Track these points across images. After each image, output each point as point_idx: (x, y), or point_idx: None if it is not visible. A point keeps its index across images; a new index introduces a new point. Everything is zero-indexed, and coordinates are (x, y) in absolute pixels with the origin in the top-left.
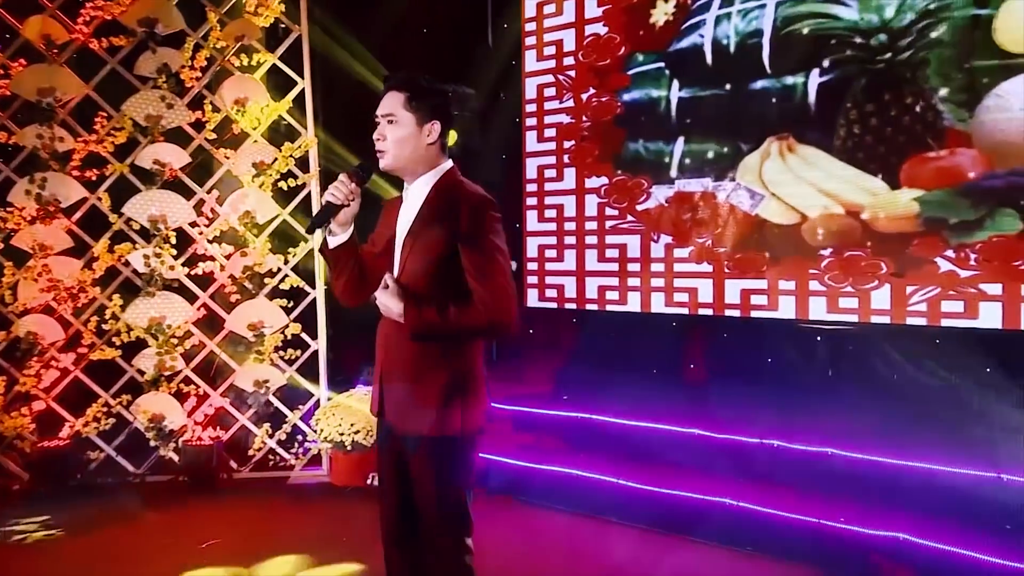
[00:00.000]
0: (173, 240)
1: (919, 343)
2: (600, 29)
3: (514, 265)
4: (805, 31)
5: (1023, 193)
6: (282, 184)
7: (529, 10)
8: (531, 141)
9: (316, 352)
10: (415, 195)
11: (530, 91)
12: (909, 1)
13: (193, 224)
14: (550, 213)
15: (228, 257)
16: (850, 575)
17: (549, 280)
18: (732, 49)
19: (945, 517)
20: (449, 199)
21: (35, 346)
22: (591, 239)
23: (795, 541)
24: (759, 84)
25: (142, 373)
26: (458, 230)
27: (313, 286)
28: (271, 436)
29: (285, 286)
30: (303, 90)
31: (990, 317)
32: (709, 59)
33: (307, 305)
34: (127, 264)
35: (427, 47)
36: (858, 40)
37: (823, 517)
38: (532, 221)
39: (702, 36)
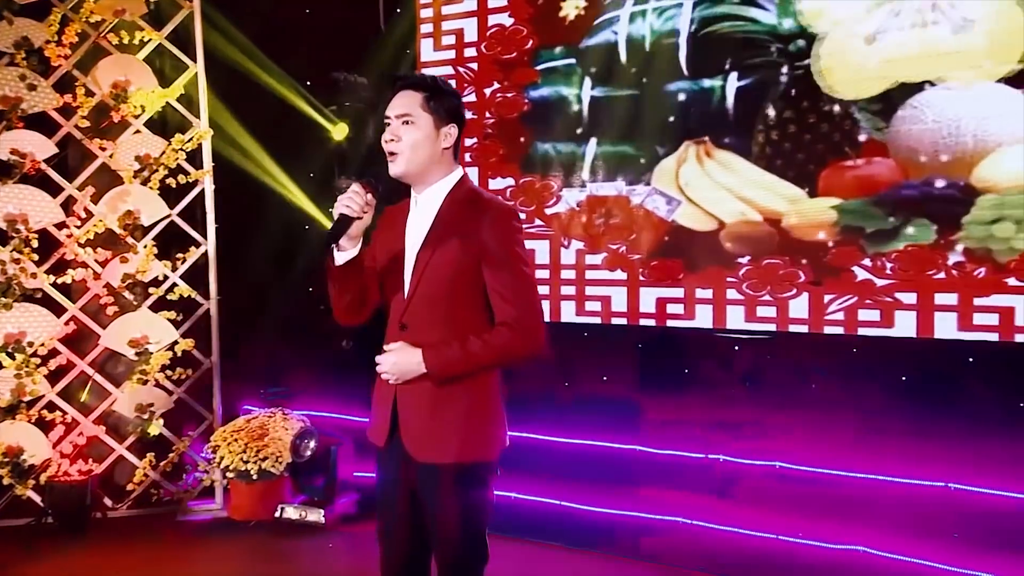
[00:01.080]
0: (35, 244)
1: (837, 351)
2: (505, 20)
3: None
4: (723, 33)
5: (937, 203)
6: (170, 181)
7: None
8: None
9: (210, 371)
10: (427, 204)
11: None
12: (823, 8)
13: (61, 225)
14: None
15: (104, 263)
16: None
17: None
18: (648, 48)
19: (896, 527)
20: (468, 209)
21: None
22: None
23: (753, 557)
24: (676, 86)
25: None
26: (482, 244)
27: (206, 296)
28: (154, 467)
29: (173, 296)
30: (195, 75)
31: (905, 326)
32: (623, 58)
33: (199, 318)
34: None
35: (314, 30)
36: (777, 45)
37: (779, 532)
38: None
39: (616, 33)
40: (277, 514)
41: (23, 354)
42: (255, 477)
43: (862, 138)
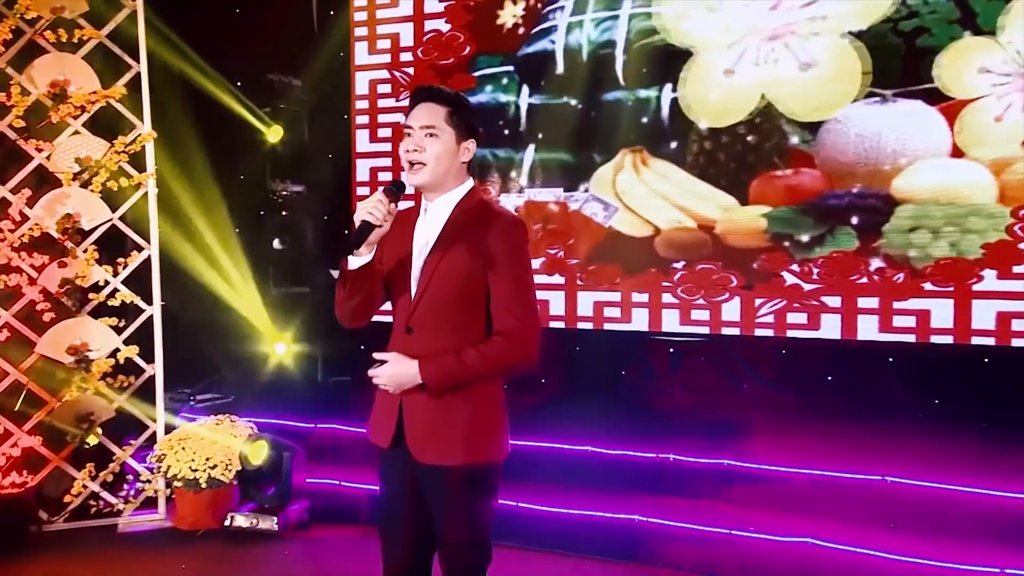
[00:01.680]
0: None
1: (767, 353)
2: (442, 26)
3: (336, 274)
4: (655, 43)
5: (860, 212)
6: (111, 184)
7: None
8: (362, 140)
9: (152, 377)
10: (437, 211)
11: (361, 87)
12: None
13: None
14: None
15: (40, 269)
16: None
17: None
18: (585, 58)
19: (840, 519)
20: (478, 218)
21: None
22: None
23: (706, 553)
24: (613, 95)
25: None
26: (490, 253)
27: (149, 302)
28: (93, 478)
29: (115, 302)
30: (138, 75)
31: (830, 328)
32: (561, 67)
33: (141, 324)
34: None
35: (247, 31)
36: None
37: (733, 527)
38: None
39: (553, 42)
40: (227, 522)
41: None
42: (204, 486)
43: (790, 149)
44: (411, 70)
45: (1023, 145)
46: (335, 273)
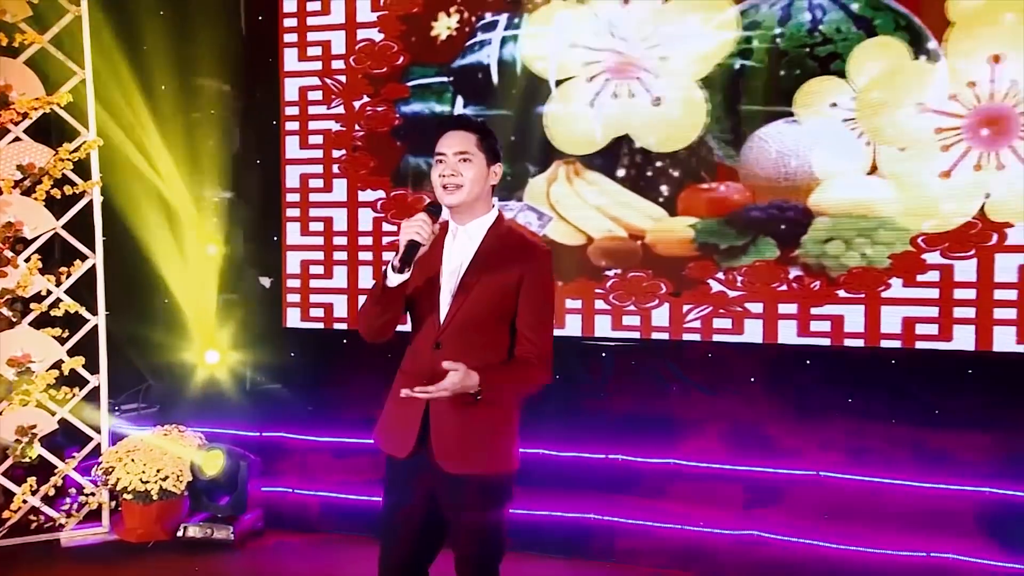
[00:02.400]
0: None
1: (695, 356)
2: (375, 35)
3: (268, 282)
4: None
5: (780, 224)
6: (55, 191)
7: (289, 5)
8: (292, 147)
9: (96, 389)
10: (468, 236)
11: (291, 92)
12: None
13: None
14: (316, 226)
15: None
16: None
17: (314, 299)
18: (519, 71)
19: (781, 511)
20: (510, 244)
21: None
22: (366, 255)
23: (659, 547)
24: (546, 107)
25: None
26: (523, 281)
27: (93, 312)
28: (34, 492)
29: (58, 312)
30: (83, 82)
31: (753, 332)
32: (495, 79)
33: (85, 334)
34: None
35: (176, 36)
36: (639, 74)
37: (682, 523)
38: (294, 234)
39: (488, 56)
40: (179, 533)
41: None
42: (155, 497)
43: (716, 164)
44: (343, 78)
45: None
46: (265, 281)
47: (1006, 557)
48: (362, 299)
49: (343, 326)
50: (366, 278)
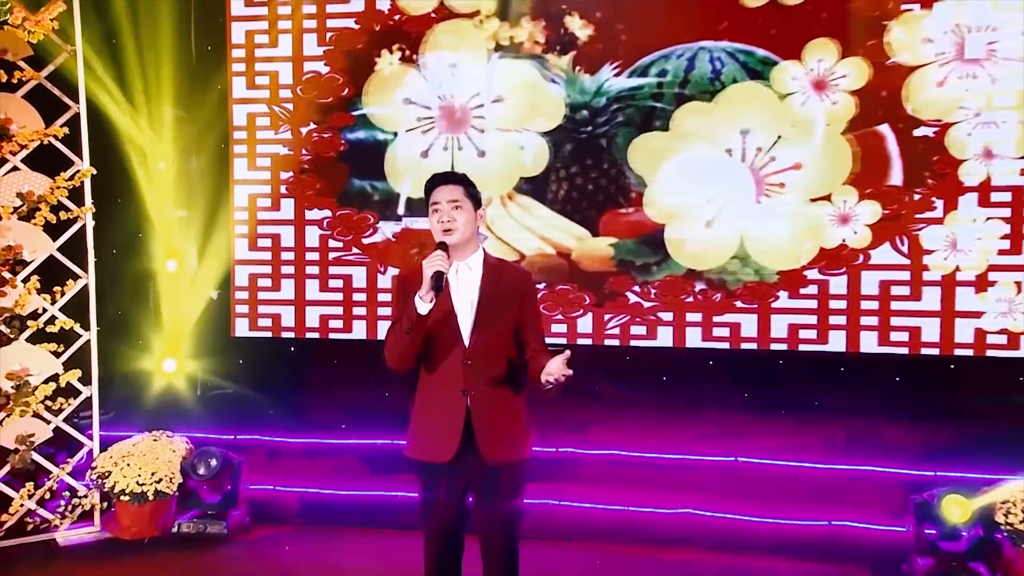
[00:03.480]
0: None
1: (615, 359)
2: (321, 68)
3: (215, 294)
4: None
5: (684, 247)
6: (50, 216)
7: (237, 36)
8: (240, 168)
9: (88, 399)
10: (468, 268)
11: (239, 118)
12: (604, 88)
13: None
14: (264, 243)
15: None
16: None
17: (262, 309)
18: (457, 106)
19: (708, 492)
20: (503, 275)
21: None
22: (312, 269)
23: (609, 527)
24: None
25: None
26: (522, 301)
27: (86, 327)
28: (31, 496)
29: (53, 328)
30: (76, 115)
31: (664, 338)
32: (436, 112)
33: (77, 349)
34: None
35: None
36: (566, 112)
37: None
38: (242, 249)
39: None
40: (174, 529)
41: None
42: (151, 498)
43: (631, 191)
44: (290, 105)
45: (810, 200)
46: (213, 293)
47: (889, 521)
48: (311, 310)
49: (291, 335)
50: (313, 291)
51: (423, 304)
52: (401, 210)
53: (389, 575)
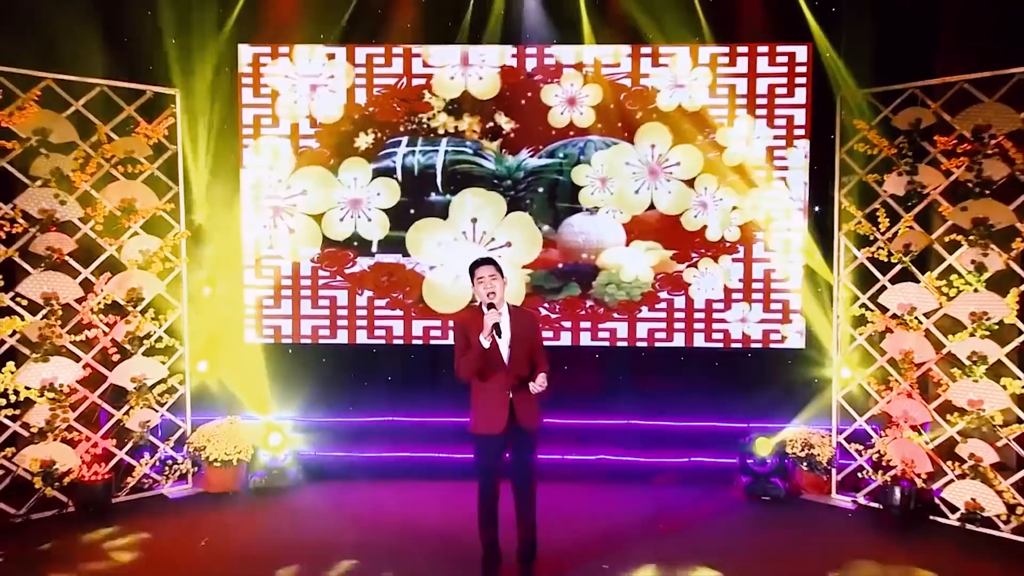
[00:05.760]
0: (60, 313)
1: None
2: (313, 143)
3: (208, 290)
4: (462, 169)
5: (580, 274)
6: (158, 267)
7: (247, 118)
8: (248, 216)
9: (183, 395)
10: (501, 315)
11: (247, 179)
12: (523, 164)
13: (80, 299)
14: (268, 272)
15: (112, 325)
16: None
17: (266, 322)
18: (415, 174)
19: (615, 443)
20: (522, 318)
21: None
22: (306, 292)
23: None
24: (433, 198)
25: (28, 428)
26: (534, 337)
27: (181, 344)
28: (147, 465)
29: (160, 345)
30: (177, 193)
31: (565, 339)
32: (399, 177)
33: (176, 359)
34: (12, 334)
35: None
36: (495, 180)
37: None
38: (250, 278)
39: (394, 162)
40: (249, 485)
41: (57, 393)
42: (234, 463)
43: (544, 237)
44: (346, 163)
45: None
46: (206, 290)
47: (724, 456)
48: (305, 322)
49: (288, 341)
50: (307, 307)
51: (486, 342)
52: (375, 248)
53: (393, 512)
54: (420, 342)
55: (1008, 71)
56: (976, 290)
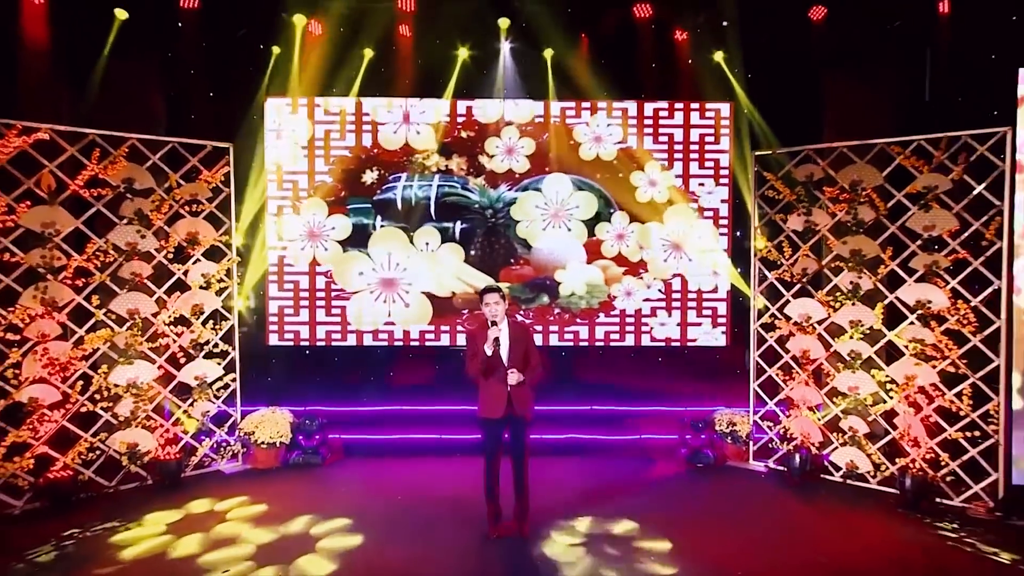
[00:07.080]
0: (140, 325)
1: None
2: (327, 178)
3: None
4: (452, 200)
5: (549, 288)
6: (215, 286)
7: (269, 158)
8: (271, 239)
9: (234, 390)
10: (502, 328)
11: (272, 208)
12: (502, 196)
13: (155, 314)
14: (288, 287)
15: (180, 335)
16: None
17: (288, 328)
18: (412, 204)
19: (584, 425)
20: (518, 329)
21: (35, 408)
22: (321, 303)
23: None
24: (428, 225)
25: (116, 417)
26: (528, 343)
27: (233, 347)
28: (207, 447)
29: (216, 350)
30: (229, 227)
31: (538, 340)
32: (399, 206)
33: (229, 360)
34: (105, 343)
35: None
36: (478, 208)
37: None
38: (273, 290)
39: (395, 194)
40: (289, 462)
41: (140, 390)
42: (277, 445)
43: (519, 256)
44: (306, 202)
45: (612, 259)
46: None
47: (669, 432)
48: (320, 328)
49: (306, 342)
50: (321, 315)
51: (489, 350)
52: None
53: (413, 483)
54: (416, 343)
55: (872, 141)
56: (853, 304)
